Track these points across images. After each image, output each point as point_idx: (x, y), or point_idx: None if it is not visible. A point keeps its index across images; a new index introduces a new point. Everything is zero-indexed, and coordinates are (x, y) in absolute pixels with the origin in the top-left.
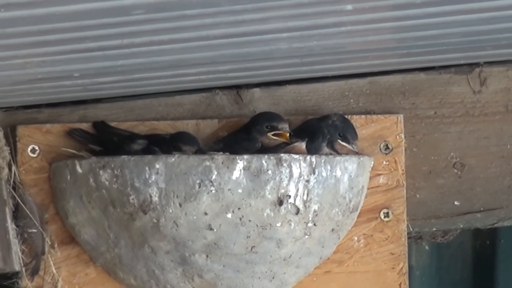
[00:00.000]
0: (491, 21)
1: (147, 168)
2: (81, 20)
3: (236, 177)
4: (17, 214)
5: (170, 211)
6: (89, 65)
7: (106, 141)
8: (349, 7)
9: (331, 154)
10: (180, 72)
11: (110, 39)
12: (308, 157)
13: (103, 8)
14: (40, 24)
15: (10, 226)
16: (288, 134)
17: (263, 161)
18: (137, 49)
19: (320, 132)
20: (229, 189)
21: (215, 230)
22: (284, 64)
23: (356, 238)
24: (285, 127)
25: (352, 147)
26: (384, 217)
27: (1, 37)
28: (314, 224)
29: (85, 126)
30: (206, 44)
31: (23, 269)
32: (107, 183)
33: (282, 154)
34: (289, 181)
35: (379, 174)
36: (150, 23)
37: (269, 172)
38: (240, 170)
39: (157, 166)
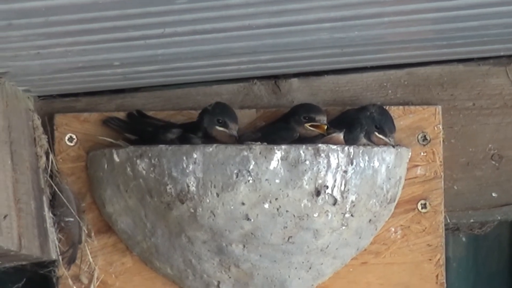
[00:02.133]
0: None
1: (184, 158)
2: (124, 9)
3: (274, 167)
4: (54, 202)
5: (207, 200)
6: (130, 54)
7: (141, 131)
8: None
9: (368, 145)
10: (220, 62)
11: (152, 28)
12: (346, 148)
13: None
14: (83, 12)
15: (47, 214)
16: (325, 127)
17: (301, 151)
18: (179, 38)
19: (358, 123)
20: (266, 179)
21: (252, 220)
22: (324, 54)
23: (393, 229)
24: (322, 119)
25: (389, 139)
26: (422, 208)
27: (44, 25)
28: (352, 215)
29: (122, 115)
30: (248, 33)
31: (60, 258)
32: (144, 172)
33: (320, 145)
34: (326, 171)
35: (417, 165)
36: (193, 13)
37: (307, 162)
38: (278, 160)
39: (195, 155)
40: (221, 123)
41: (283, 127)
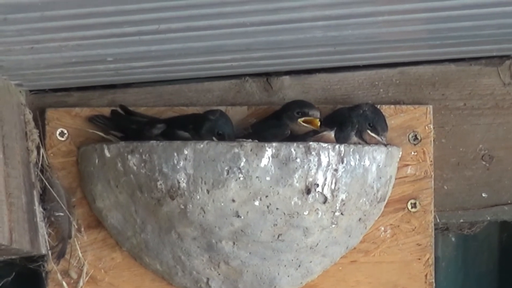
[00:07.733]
0: None
1: (175, 154)
2: (119, 5)
3: (265, 165)
4: (44, 197)
5: (198, 197)
6: (124, 50)
7: (126, 128)
8: None
9: (359, 143)
10: (213, 59)
11: (147, 24)
12: (337, 146)
13: None
14: (79, 8)
15: (38, 209)
16: (318, 122)
17: (292, 149)
18: (173, 34)
19: (349, 122)
20: (257, 177)
21: (242, 217)
22: (317, 53)
23: (383, 228)
24: (316, 113)
25: (381, 138)
26: (412, 207)
27: (39, 20)
28: (341, 213)
29: None
30: (242, 31)
31: (50, 253)
32: (135, 168)
33: (311, 143)
34: (317, 169)
35: (407, 165)
36: (188, 9)
37: (298, 160)
38: (269, 158)
39: (186, 152)
40: (220, 135)
41: (275, 124)
